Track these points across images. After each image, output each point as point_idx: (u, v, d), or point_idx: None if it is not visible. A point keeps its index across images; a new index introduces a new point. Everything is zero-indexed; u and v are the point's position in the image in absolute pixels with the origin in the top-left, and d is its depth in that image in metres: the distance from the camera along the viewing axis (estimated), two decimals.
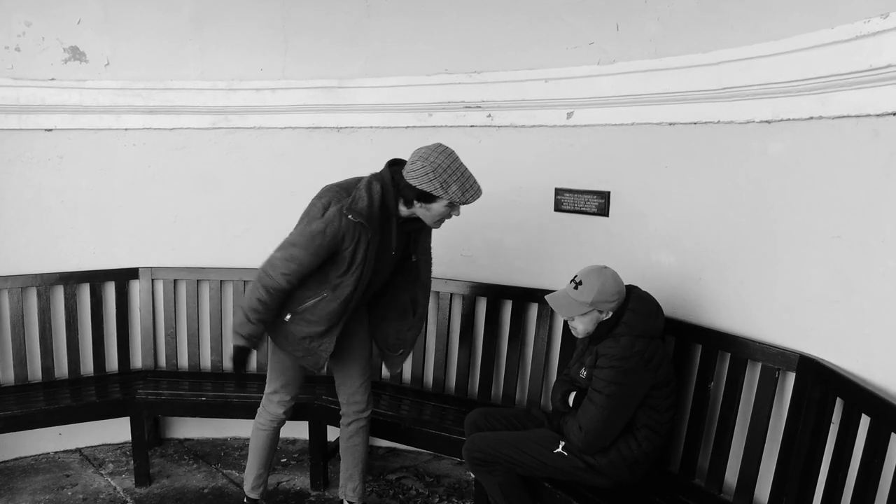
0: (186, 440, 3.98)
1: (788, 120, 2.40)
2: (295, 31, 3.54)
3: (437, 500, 3.36)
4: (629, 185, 3.04)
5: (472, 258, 3.56)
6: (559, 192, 3.27)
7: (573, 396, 2.61)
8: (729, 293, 2.67)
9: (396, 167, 2.50)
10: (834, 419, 2.19)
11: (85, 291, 3.69)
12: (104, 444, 3.90)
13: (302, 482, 3.51)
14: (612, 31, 2.97)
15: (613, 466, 2.48)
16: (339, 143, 3.66)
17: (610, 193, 3.10)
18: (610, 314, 2.48)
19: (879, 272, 2.10)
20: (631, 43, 2.91)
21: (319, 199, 2.52)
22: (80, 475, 3.59)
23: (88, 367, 3.73)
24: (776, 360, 2.44)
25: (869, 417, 1.99)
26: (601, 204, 3.12)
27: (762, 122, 2.50)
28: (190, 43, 3.57)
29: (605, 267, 2.52)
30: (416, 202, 2.45)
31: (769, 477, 2.40)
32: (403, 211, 2.52)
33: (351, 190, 2.48)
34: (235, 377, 3.68)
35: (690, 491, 2.62)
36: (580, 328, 2.52)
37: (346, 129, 3.64)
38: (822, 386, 2.24)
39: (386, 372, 3.71)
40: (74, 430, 3.78)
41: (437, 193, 2.38)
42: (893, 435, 1.90)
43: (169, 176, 3.73)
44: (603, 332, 2.49)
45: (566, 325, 3.12)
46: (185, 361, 3.80)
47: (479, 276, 3.54)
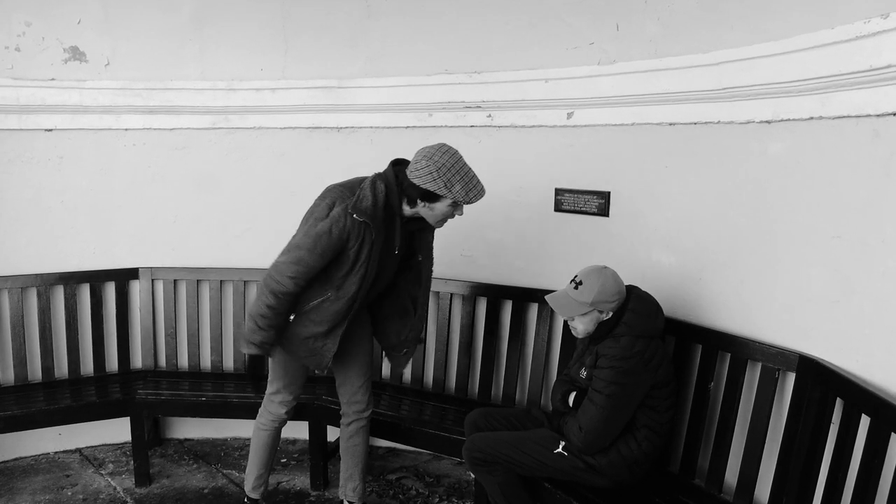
0: (186, 440, 3.98)
1: (788, 120, 2.40)
2: (295, 31, 3.54)
3: (437, 500, 3.36)
4: (629, 185, 3.04)
5: (472, 258, 3.56)
6: (559, 192, 3.27)
7: (573, 396, 2.61)
8: (729, 293, 2.68)
9: (400, 167, 2.51)
10: (834, 419, 2.19)
11: (85, 291, 3.69)
12: (104, 444, 3.90)
13: (302, 482, 3.51)
14: (612, 31, 2.97)
15: (613, 466, 2.48)
16: (339, 143, 3.66)
17: (610, 193, 3.10)
18: (610, 314, 2.48)
19: (879, 272, 2.10)
20: (631, 43, 2.91)
21: (323, 199, 2.51)
22: (80, 475, 3.59)
23: (88, 367, 3.73)
24: (776, 360, 2.44)
25: (869, 417, 1.99)
26: (601, 204, 3.12)
27: (762, 122, 2.50)
28: (190, 43, 3.57)
29: (605, 267, 2.52)
30: (419, 201, 2.45)
31: (769, 477, 2.40)
32: (407, 210, 2.52)
33: (355, 189, 2.47)
34: (235, 377, 3.68)
35: (690, 491, 2.62)
36: (580, 328, 2.53)
37: (346, 129, 3.64)
38: (822, 386, 2.24)
39: (386, 372, 3.71)
40: (74, 430, 3.78)
41: (440, 193, 2.39)
42: (893, 435, 1.90)
43: (169, 176, 3.73)
44: (603, 332, 2.49)
45: (566, 325, 3.12)
46: (185, 361, 3.81)
47: (479, 276, 3.54)
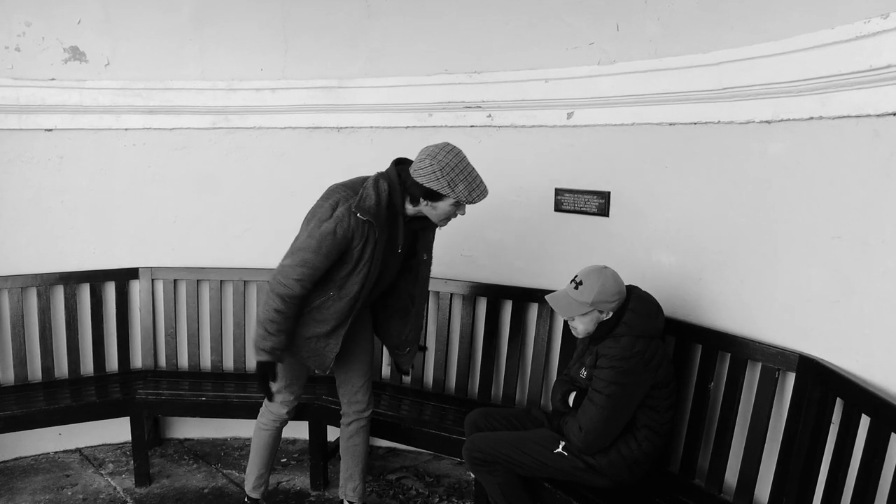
0: (186, 440, 3.98)
1: (788, 120, 2.40)
2: (295, 31, 3.54)
3: (437, 500, 3.36)
4: (629, 185, 3.04)
5: (472, 258, 3.56)
6: (559, 192, 3.27)
7: (573, 396, 2.61)
8: (729, 293, 2.68)
9: (402, 166, 2.51)
10: (834, 419, 2.19)
11: (85, 291, 3.69)
12: (104, 444, 3.90)
13: (302, 482, 3.51)
14: (612, 31, 2.97)
15: (613, 466, 2.48)
16: (339, 143, 3.66)
17: (610, 193, 3.10)
18: (610, 314, 2.48)
19: (879, 272, 2.10)
20: (631, 43, 2.91)
21: (327, 199, 2.50)
22: (80, 475, 3.58)
23: (88, 367, 3.73)
24: (776, 360, 2.44)
25: (869, 417, 1.99)
26: (601, 204, 3.12)
27: (762, 122, 2.50)
28: (190, 43, 3.57)
29: (605, 267, 2.52)
30: (422, 200, 2.45)
31: (769, 477, 2.40)
32: (410, 209, 2.52)
33: (358, 189, 2.47)
34: (235, 377, 3.68)
35: (690, 491, 2.62)
36: (580, 328, 2.52)
37: (346, 129, 3.64)
38: (822, 386, 2.24)
39: (386, 372, 3.71)
40: (74, 430, 3.78)
41: (444, 192, 2.38)
42: (893, 435, 1.90)
43: (169, 176, 3.73)
44: (603, 332, 2.49)
45: (566, 325, 3.12)
46: (185, 361, 3.81)
47: (479, 276, 3.54)
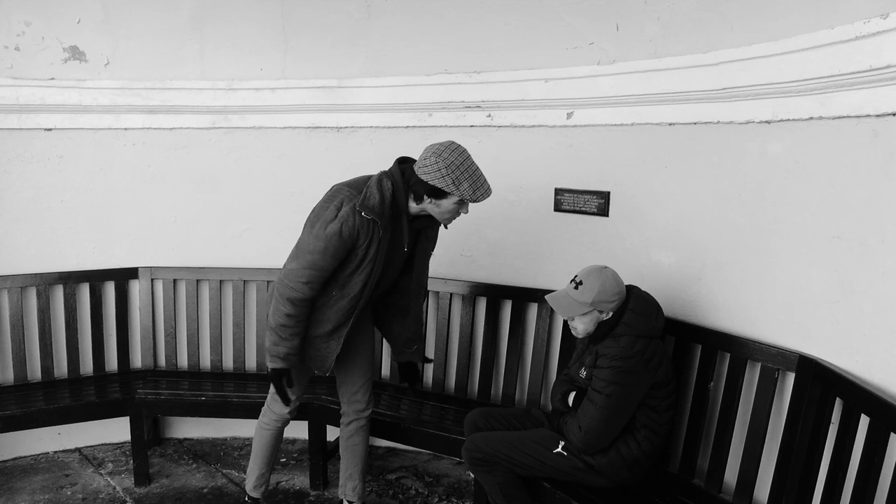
0: (186, 440, 3.98)
1: (788, 120, 2.40)
2: (295, 31, 3.54)
3: (436, 499, 3.36)
4: (629, 185, 3.04)
5: (471, 258, 3.56)
6: (559, 192, 3.28)
7: (573, 396, 2.61)
8: (728, 293, 2.68)
9: (405, 164, 2.51)
10: (833, 419, 2.20)
11: (84, 291, 3.69)
12: (103, 443, 3.90)
13: (301, 482, 3.51)
14: (612, 31, 2.97)
15: (613, 466, 2.48)
16: (339, 142, 3.66)
17: (610, 193, 3.10)
18: (610, 314, 2.48)
19: (879, 272, 2.10)
20: (631, 43, 2.91)
21: (331, 200, 2.48)
22: (79, 475, 3.58)
23: (88, 366, 3.73)
24: (776, 360, 2.44)
25: (868, 417, 1.99)
26: (601, 204, 3.12)
27: (762, 122, 2.50)
28: (190, 43, 3.57)
29: (605, 267, 2.52)
30: (426, 198, 2.45)
31: (769, 477, 2.40)
32: (413, 207, 2.51)
33: (361, 188, 2.47)
34: (235, 377, 3.68)
35: (690, 491, 2.62)
36: (580, 328, 2.53)
37: (346, 128, 3.64)
38: (821, 386, 2.24)
39: (386, 372, 3.71)
40: (74, 429, 3.78)
41: (448, 190, 2.38)
42: (893, 435, 1.91)
43: (169, 175, 3.72)
44: (603, 332, 2.49)
45: (566, 324, 3.13)
46: (184, 361, 3.80)
47: (478, 275, 3.54)
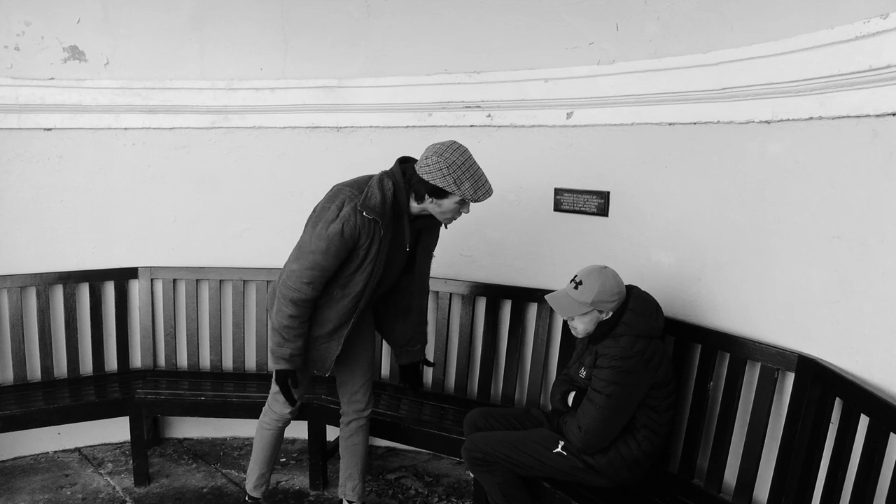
0: (185, 440, 3.98)
1: (788, 120, 2.40)
2: (295, 31, 3.54)
3: (436, 499, 3.36)
4: (629, 185, 3.04)
5: (471, 258, 3.56)
6: (559, 191, 3.28)
7: (572, 396, 2.61)
8: (728, 293, 2.68)
9: (406, 164, 2.51)
10: (833, 419, 2.20)
11: (84, 291, 3.69)
12: (103, 443, 3.90)
13: (301, 482, 3.51)
14: (611, 31, 2.97)
15: (613, 466, 2.48)
16: (338, 142, 3.66)
17: (609, 193, 3.10)
18: (610, 314, 2.48)
19: (879, 272, 2.10)
20: (631, 43, 2.91)
21: (332, 200, 2.48)
22: (79, 475, 3.58)
23: (87, 366, 3.73)
24: (775, 360, 2.44)
25: (868, 417, 1.99)
26: (601, 204, 3.12)
27: (762, 122, 2.50)
28: (189, 42, 3.57)
29: (605, 267, 2.52)
30: (427, 197, 2.44)
31: (768, 477, 2.40)
32: (415, 207, 2.51)
33: (363, 188, 2.47)
34: (235, 377, 3.68)
35: (690, 491, 2.62)
36: (580, 328, 2.53)
37: (345, 128, 3.64)
38: (821, 386, 2.24)
39: (386, 372, 3.71)
40: (73, 429, 3.78)
41: (449, 189, 2.38)
42: (892, 435, 1.91)
43: (168, 175, 3.72)
44: (603, 331, 2.48)
45: (565, 324, 3.13)
46: (184, 361, 3.80)
47: (478, 275, 3.54)
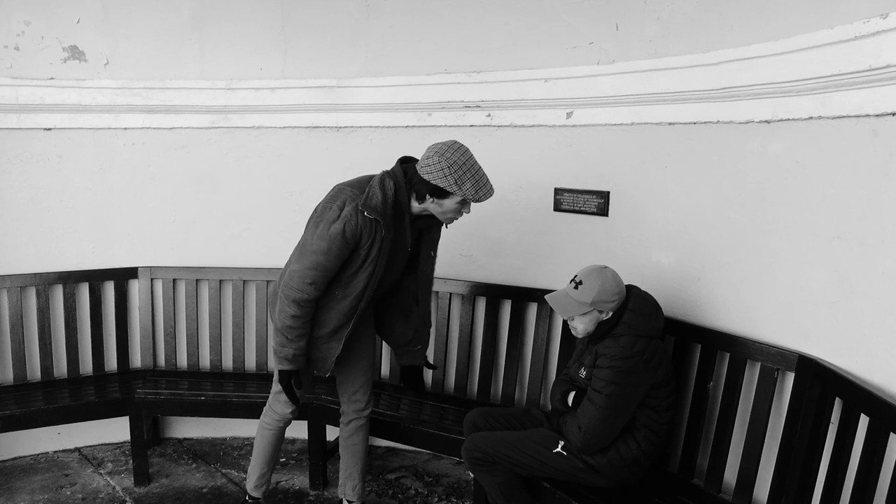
0: (185, 440, 3.98)
1: (788, 120, 2.40)
2: (295, 31, 3.54)
3: (436, 499, 3.36)
4: (629, 184, 3.04)
5: (471, 258, 3.56)
6: (559, 191, 3.28)
7: (572, 396, 2.61)
8: (728, 293, 2.68)
9: (408, 164, 2.51)
10: (833, 419, 2.20)
11: (84, 291, 3.69)
12: (103, 443, 3.90)
13: (301, 482, 3.51)
14: (611, 30, 2.97)
15: (613, 466, 2.48)
16: (338, 142, 3.66)
17: (609, 193, 3.10)
18: (610, 314, 2.48)
19: (879, 272, 2.10)
20: (631, 43, 2.91)
21: (334, 201, 2.48)
22: (79, 474, 3.58)
23: (87, 366, 3.73)
24: (775, 359, 2.44)
25: (868, 417, 1.99)
26: (601, 204, 3.12)
27: (762, 122, 2.50)
28: (189, 42, 3.56)
29: (605, 267, 2.52)
30: (428, 197, 2.44)
31: (768, 476, 2.40)
32: (416, 206, 2.51)
33: (364, 187, 2.47)
34: (234, 377, 3.68)
35: (690, 491, 2.62)
36: (580, 328, 2.53)
37: (345, 128, 3.64)
38: (821, 386, 2.24)
39: (385, 372, 3.71)
40: (73, 429, 3.78)
41: (450, 189, 2.38)
42: (892, 434, 1.91)
43: (168, 175, 3.72)
44: (603, 331, 2.48)
45: (565, 324, 3.13)
46: (184, 361, 3.80)
47: (478, 275, 3.54)
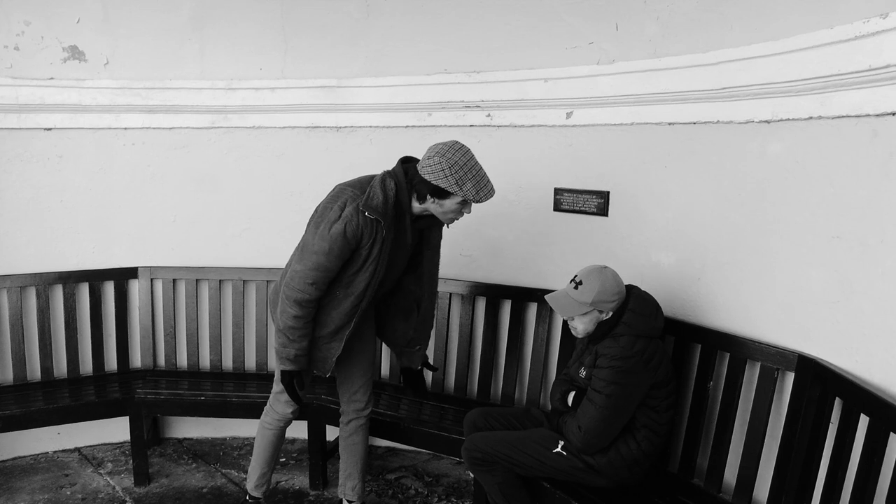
0: (185, 440, 3.98)
1: (788, 120, 2.40)
2: (295, 30, 3.54)
3: (435, 499, 3.36)
4: (629, 185, 3.04)
5: (471, 258, 3.56)
6: (558, 191, 3.28)
7: (572, 396, 2.61)
8: (728, 293, 2.68)
9: (409, 164, 2.51)
10: (833, 419, 2.20)
11: (84, 291, 3.69)
12: (103, 443, 3.90)
13: (301, 482, 3.51)
14: (611, 30, 2.97)
15: (613, 466, 2.48)
16: (338, 142, 3.66)
17: (609, 193, 3.10)
18: (610, 314, 2.48)
19: (879, 272, 2.10)
20: (630, 43, 2.91)
21: (335, 201, 2.48)
22: (78, 475, 3.58)
23: (87, 366, 3.73)
24: (775, 359, 2.44)
25: (868, 417, 1.99)
26: (600, 204, 3.12)
27: (762, 122, 2.50)
28: (189, 42, 3.57)
29: (605, 267, 2.52)
30: (429, 197, 2.44)
31: (768, 476, 2.40)
32: (416, 207, 2.51)
33: (365, 188, 2.47)
34: (234, 377, 3.68)
35: (690, 491, 2.62)
36: (580, 328, 2.53)
37: (345, 128, 3.64)
38: (821, 386, 2.24)
39: (385, 372, 3.71)
40: (73, 429, 3.78)
41: (451, 190, 2.37)
42: (892, 434, 1.91)
43: (168, 175, 3.72)
44: (603, 331, 2.49)
45: (565, 324, 3.13)
46: (184, 361, 3.80)
47: (478, 275, 3.54)
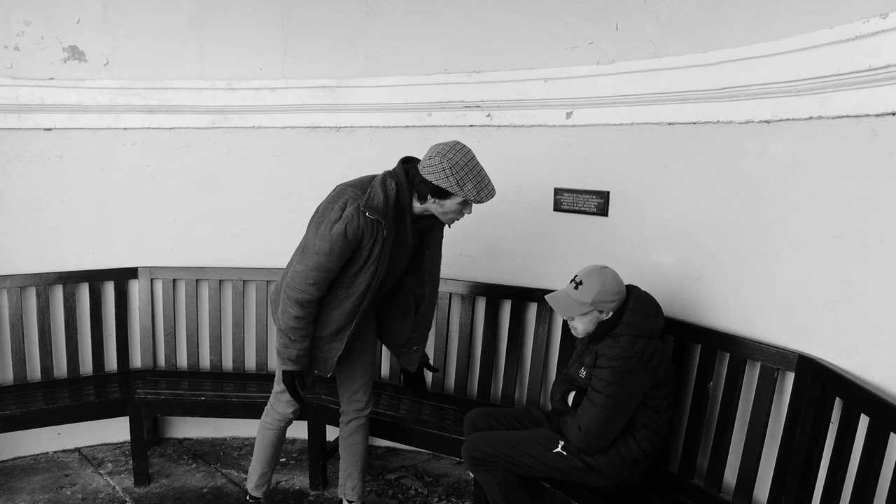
0: (185, 440, 3.98)
1: (788, 120, 2.40)
2: (295, 31, 3.54)
3: (435, 499, 3.36)
4: (629, 184, 3.04)
5: (471, 258, 3.56)
6: (558, 191, 3.28)
7: (572, 396, 2.61)
8: (728, 293, 2.68)
9: (409, 164, 2.51)
10: (833, 419, 2.20)
11: (84, 291, 3.69)
12: (103, 443, 3.90)
13: (301, 482, 3.51)
14: (611, 30, 2.97)
15: (612, 466, 2.48)
16: (338, 142, 3.66)
17: (609, 193, 3.10)
18: (610, 314, 2.48)
19: (878, 272, 2.10)
20: (630, 43, 2.91)
21: (335, 201, 2.48)
22: (79, 475, 3.58)
23: (87, 366, 3.73)
24: (775, 359, 2.44)
25: (868, 417, 1.99)
26: (600, 204, 3.12)
27: (761, 122, 2.50)
28: (189, 42, 3.57)
29: (605, 267, 2.52)
30: (430, 197, 2.44)
31: (768, 476, 2.40)
32: (417, 207, 2.51)
33: (365, 188, 2.47)
34: (234, 377, 3.68)
35: (690, 491, 2.62)
36: (580, 328, 2.53)
37: (345, 128, 3.64)
38: (821, 386, 2.24)
39: (385, 372, 3.71)
40: (73, 429, 3.78)
41: (452, 190, 2.37)
42: (892, 434, 1.91)
43: (168, 175, 3.72)
44: (603, 331, 2.49)
45: (565, 324, 3.13)
46: (184, 361, 3.80)
47: (478, 275, 3.54)
